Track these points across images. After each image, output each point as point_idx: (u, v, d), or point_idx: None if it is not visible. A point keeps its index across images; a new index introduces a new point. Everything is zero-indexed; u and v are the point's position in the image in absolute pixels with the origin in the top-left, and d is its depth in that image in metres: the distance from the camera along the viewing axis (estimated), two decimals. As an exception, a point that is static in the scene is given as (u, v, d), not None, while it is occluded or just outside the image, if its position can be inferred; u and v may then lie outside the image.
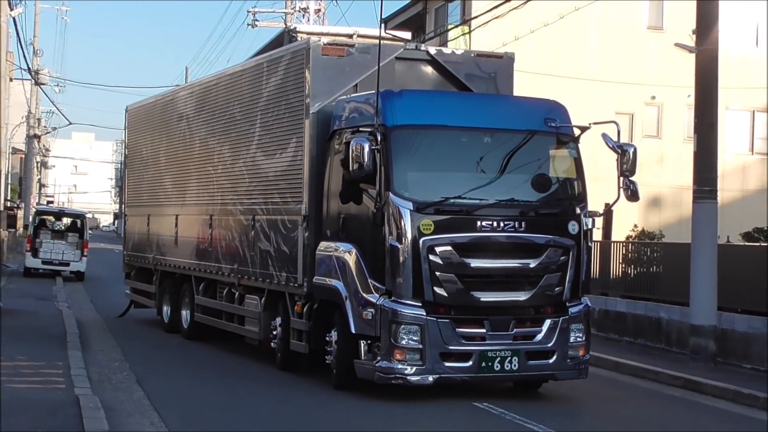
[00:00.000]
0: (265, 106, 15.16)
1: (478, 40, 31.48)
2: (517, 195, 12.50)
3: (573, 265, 12.52)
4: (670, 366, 15.97)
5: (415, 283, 11.92)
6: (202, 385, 13.38)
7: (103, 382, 13.01)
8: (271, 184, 14.81)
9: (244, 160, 15.89)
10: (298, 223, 13.84)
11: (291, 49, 14.67)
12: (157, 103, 21.06)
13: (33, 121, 61.65)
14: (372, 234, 12.23)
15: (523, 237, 12.29)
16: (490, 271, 12.19)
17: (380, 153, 12.06)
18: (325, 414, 11.77)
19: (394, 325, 11.90)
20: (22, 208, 57.34)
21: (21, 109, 63.41)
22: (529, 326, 12.44)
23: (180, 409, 11.75)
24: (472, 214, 12.11)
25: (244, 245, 15.64)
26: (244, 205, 15.77)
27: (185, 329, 18.72)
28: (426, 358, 11.98)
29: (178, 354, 16.62)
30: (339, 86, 13.71)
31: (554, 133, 12.88)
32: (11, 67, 39.18)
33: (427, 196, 12.06)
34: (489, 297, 12.20)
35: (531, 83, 32.46)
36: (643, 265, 20.17)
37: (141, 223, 21.22)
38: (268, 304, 14.88)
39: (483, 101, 13.57)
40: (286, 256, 14.14)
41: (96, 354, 15.66)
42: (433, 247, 11.97)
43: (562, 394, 13.60)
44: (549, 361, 12.55)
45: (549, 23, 28.56)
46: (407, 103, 12.49)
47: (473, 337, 12.19)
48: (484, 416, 11.86)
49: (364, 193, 12.41)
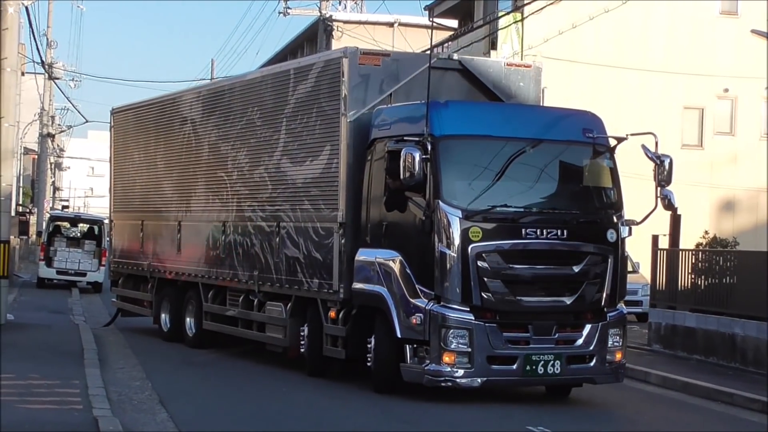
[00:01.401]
0: (292, 113, 16.09)
1: (531, 28, 31.52)
2: (559, 203, 13.95)
3: (611, 272, 13.78)
4: (746, 387, 15.84)
5: (464, 288, 13.15)
6: (230, 406, 13.45)
7: (123, 403, 13.08)
8: (300, 191, 15.75)
9: (266, 167, 16.78)
10: (334, 230, 14.85)
11: (324, 58, 15.82)
12: (151, 106, 21.80)
13: (46, 118, 62.22)
14: (419, 241, 13.43)
15: (566, 244, 13.59)
16: (535, 276, 13.53)
17: (429, 162, 13.26)
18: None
19: (444, 330, 13.11)
20: (34, 214, 57.92)
21: (33, 106, 63.92)
22: (570, 331, 13.68)
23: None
24: (517, 221, 13.44)
25: (266, 252, 16.56)
26: (267, 211, 16.65)
27: (190, 338, 19.45)
28: (474, 361, 13.17)
29: (203, 372, 16.70)
30: (374, 95, 14.80)
31: (592, 143, 14.12)
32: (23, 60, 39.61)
33: (474, 204, 13.32)
34: (533, 302, 13.49)
35: (590, 75, 32.44)
36: (714, 276, 20.03)
37: (132, 229, 21.97)
38: (295, 310, 15.85)
39: (524, 112, 14.88)
40: (319, 262, 15.14)
41: (115, 372, 15.78)
42: (482, 253, 13.22)
43: (625, 416, 13.52)
44: (589, 365, 13.77)
45: (610, 9, 28.47)
46: (453, 114, 13.79)
47: (518, 341, 13.40)
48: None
49: (409, 201, 13.61)
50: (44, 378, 14.10)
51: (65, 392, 13.13)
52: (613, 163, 14.19)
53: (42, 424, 11.05)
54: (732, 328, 18.69)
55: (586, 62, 32.36)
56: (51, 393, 13.08)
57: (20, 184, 60.20)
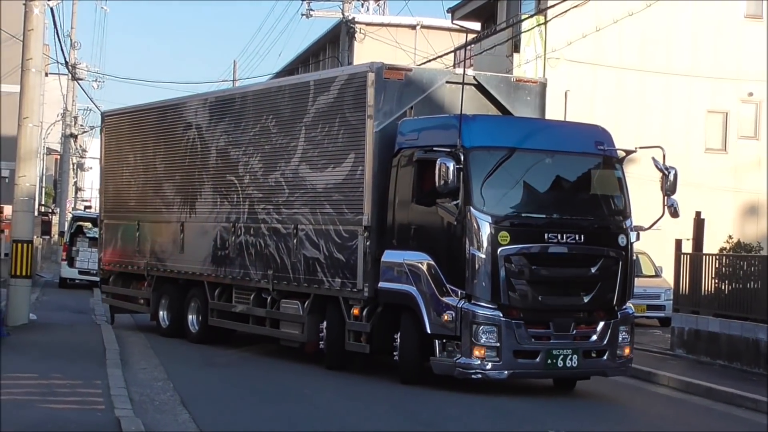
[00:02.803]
0: (312, 122, 17.22)
1: (554, 31, 31.41)
2: (576, 210, 15.20)
3: (621, 273, 15.08)
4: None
5: (493, 287, 14.41)
6: (252, 407, 13.47)
7: (145, 404, 13.11)
8: (321, 196, 16.92)
9: (282, 172, 17.90)
10: (358, 233, 16.03)
11: (347, 71, 17.20)
12: (149, 111, 22.63)
13: (69, 119, 62.48)
14: (450, 244, 14.70)
15: (584, 248, 14.90)
16: (556, 277, 14.85)
17: (462, 171, 14.42)
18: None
19: (475, 326, 14.33)
20: (57, 214, 58.19)
21: (56, 106, 64.26)
22: (586, 328, 14.96)
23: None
24: (540, 227, 14.73)
25: (281, 252, 17.71)
26: (283, 214, 17.77)
27: (194, 333, 20.39)
28: (502, 355, 14.40)
29: (225, 373, 16.75)
30: (397, 107, 15.97)
31: (603, 155, 15.41)
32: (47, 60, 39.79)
33: (502, 211, 14.61)
34: (554, 301, 14.80)
35: (613, 79, 32.35)
36: (739, 281, 19.93)
37: (127, 230, 22.78)
38: (314, 307, 17.00)
39: (543, 125, 16.28)
40: (342, 263, 16.32)
41: (137, 373, 15.83)
42: (509, 256, 14.49)
43: (648, 420, 13.45)
44: (602, 359, 15.07)
45: (635, 12, 28.36)
46: (482, 127, 15.08)
47: (541, 337, 14.67)
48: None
49: (437, 206, 14.83)
50: (67, 378, 14.20)
51: (87, 392, 13.22)
52: (622, 173, 15.45)
53: (64, 423, 11.10)
54: (756, 333, 18.59)
55: (609, 65, 32.25)
56: (73, 393, 13.17)
57: (43, 184, 60.47)
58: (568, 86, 31.56)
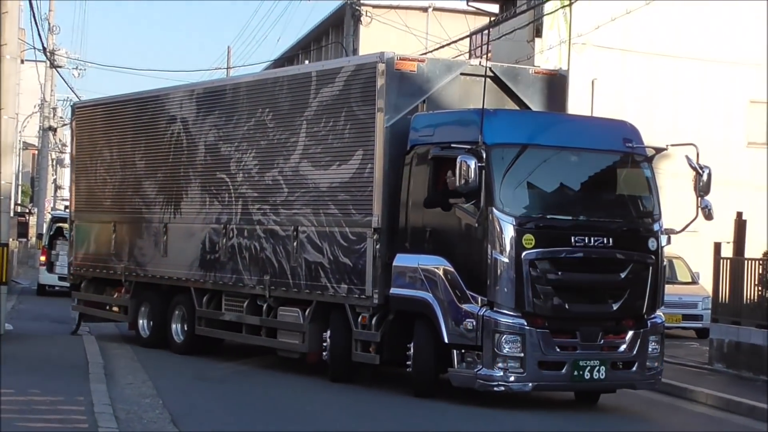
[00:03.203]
0: (315, 117, 17.32)
1: (580, 14, 31.42)
2: (604, 212, 15.43)
3: (652, 279, 15.22)
4: (819, 412, 15.71)
5: (517, 294, 14.53)
6: (248, 426, 13.47)
7: (132, 421, 13.11)
8: (325, 195, 17.04)
9: (280, 170, 18.00)
10: (367, 235, 16.14)
11: (354, 62, 17.32)
12: (127, 103, 22.68)
13: (48, 110, 62.60)
14: (470, 247, 14.86)
15: (612, 252, 15.07)
16: (583, 283, 15.01)
17: (483, 170, 14.51)
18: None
19: (498, 335, 14.45)
20: (34, 214, 58.26)
21: (33, 96, 64.32)
22: (614, 337, 15.13)
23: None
24: (567, 229, 14.88)
25: (279, 256, 17.84)
26: (281, 215, 17.89)
27: (178, 343, 20.56)
28: (526, 366, 14.50)
29: (220, 388, 16.79)
30: (409, 101, 16.06)
31: (632, 153, 15.58)
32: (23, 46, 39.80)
33: (526, 212, 14.82)
34: (581, 308, 14.97)
35: (645, 65, 32.30)
36: (785, 289, 19.89)
37: (101, 231, 22.89)
38: (316, 315, 17.12)
39: (568, 121, 16.61)
40: (348, 267, 16.44)
41: (123, 388, 15.84)
42: (534, 260, 14.61)
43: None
44: (630, 371, 15.22)
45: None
46: (504, 122, 15.23)
47: (566, 347, 14.81)
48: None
49: (455, 207, 14.94)
50: (46, 394, 14.22)
51: (69, 409, 13.24)
52: (652, 172, 15.63)
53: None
54: (803, 346, 18.55)
55: (641, 51, 32.22)
56: (54, 410, 13.17)
57: (19, 182, 60.54)
58: (596, 74, 31.53)
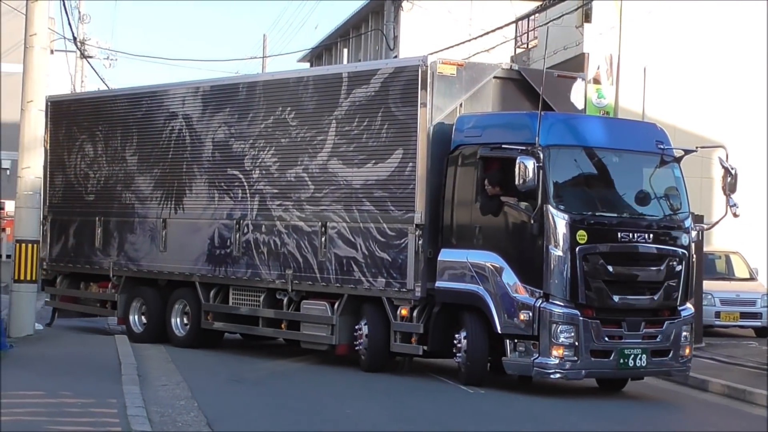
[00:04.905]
0: (346, 117, 18.55)
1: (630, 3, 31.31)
2: (644, 209, 16.96)
3: (684, 273, 16.84)
4: None
5: (571, 286, 16.06)
6: (288, 428, 13.47)
7: (166, 424, 13.10)
8: (359, 192, 18.30)
9: (305, 167, 19.18)
10: (408, 231, 17.51)
11: (392, 64, 18.75)
12: (114, 100, 23.63)
13: (78, 102, 62.73)
14: (525, 243, 16.36)
15: (653, 247, 16.66)
16: (629, 276, 16.54)
17: (540, 170, 15.91)
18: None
19: (554, 325, 15.97)
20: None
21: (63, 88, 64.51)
22: (653, 327, 16.65)
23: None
24: (614, 225, 16.45)
25: (304, 251, 19.01)
26: (307, 211, 19.06)
27: (180, 337, 21.36)
28: (580, 354, 16.05)
29: (255, 390, 16.79)
30: (449, 102, 17.51)
31: (663, 154, 17.15)
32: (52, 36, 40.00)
33: (577, 209, 16.40)
34: (628, 300, 16.47)
35: (698, 54, 32.08)
36: None
37: (83, 226, 23.47)
38: (347, 308, 18.30)
39: (608, 123, 19.22)
40: (387, 262, 17.77)
41: (157, 390, 15.84)
42: (586, 255, 16.16)
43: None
44: (666, 358, 16.80)
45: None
46: (557, 125, 16.80)
47: (613, 336, 16.35)
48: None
49: (506, 205, 16.50)
50: (78, 396, 14.29)
51: (101, 412, 13.27)
52: (680, 172, 17.22)
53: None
54: None
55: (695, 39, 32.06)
56: (85, 413, 13.20)
57: (49, 177, 60.69)
58: (647, 62, 31.38)
